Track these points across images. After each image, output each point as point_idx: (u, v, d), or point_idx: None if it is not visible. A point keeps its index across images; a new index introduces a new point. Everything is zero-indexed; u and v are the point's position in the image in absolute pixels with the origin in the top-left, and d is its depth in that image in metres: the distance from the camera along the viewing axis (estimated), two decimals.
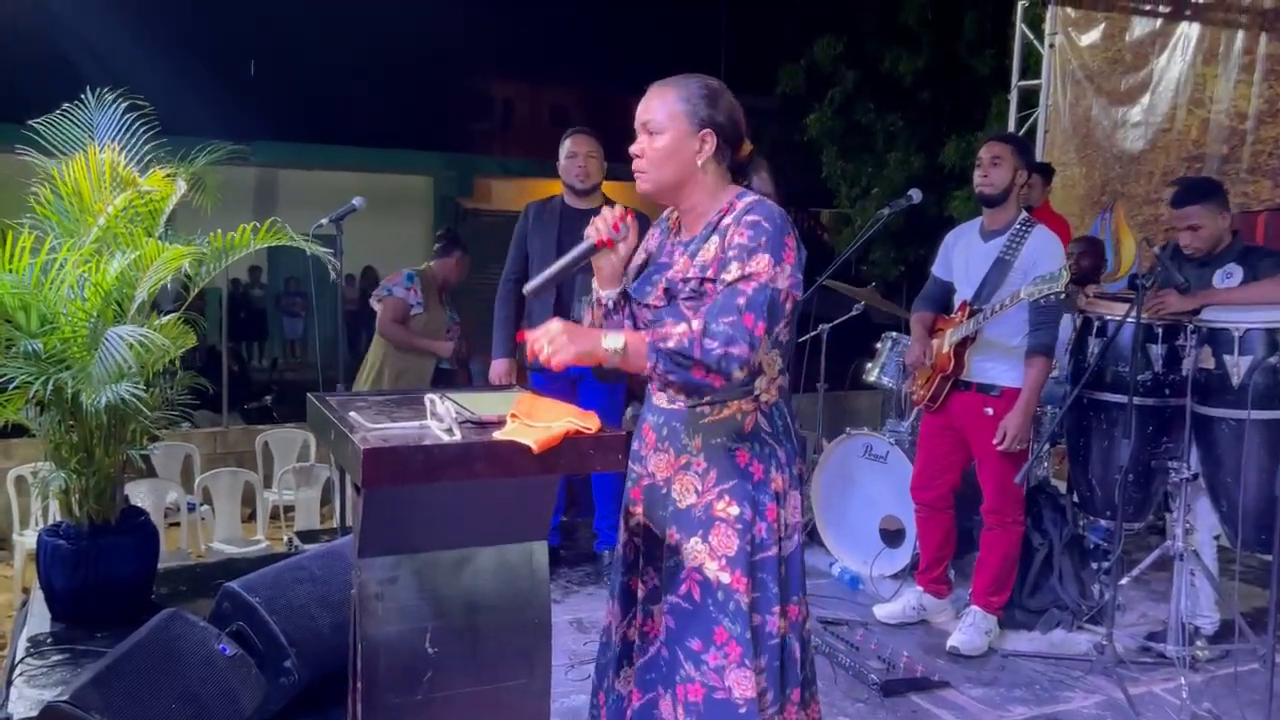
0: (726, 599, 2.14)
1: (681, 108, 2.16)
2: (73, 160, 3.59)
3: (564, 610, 4.08)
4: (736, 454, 2.18)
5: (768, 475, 2.18)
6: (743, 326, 2.01)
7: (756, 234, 2.07)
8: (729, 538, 2.15)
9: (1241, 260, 3.86)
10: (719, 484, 2.18)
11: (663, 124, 2.16)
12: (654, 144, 2.17)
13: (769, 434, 2.20)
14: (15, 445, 6.41)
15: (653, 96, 2.20)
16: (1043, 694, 3.55)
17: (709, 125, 2.16)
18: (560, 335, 1.99)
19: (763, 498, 2.17)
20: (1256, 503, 3.64)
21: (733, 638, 2.14)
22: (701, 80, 2.21)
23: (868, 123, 12.36)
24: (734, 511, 2.16)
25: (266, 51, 15.30)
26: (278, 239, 3.72)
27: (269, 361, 16.62)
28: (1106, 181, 6.51)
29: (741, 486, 2.17)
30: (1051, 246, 3.73)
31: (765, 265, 2.05)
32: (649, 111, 2.19)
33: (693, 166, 2.17)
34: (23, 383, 3.36)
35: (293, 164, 15.60)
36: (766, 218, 2.10)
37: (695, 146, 2.16)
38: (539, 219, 4.44)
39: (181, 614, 2.84)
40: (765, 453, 2.19)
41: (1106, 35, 6.56)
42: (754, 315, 2.02)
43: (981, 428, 3.80)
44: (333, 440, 2.11)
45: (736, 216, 2.12)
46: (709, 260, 2.13)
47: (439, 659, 2.06)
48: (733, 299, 2.04)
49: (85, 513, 3.61)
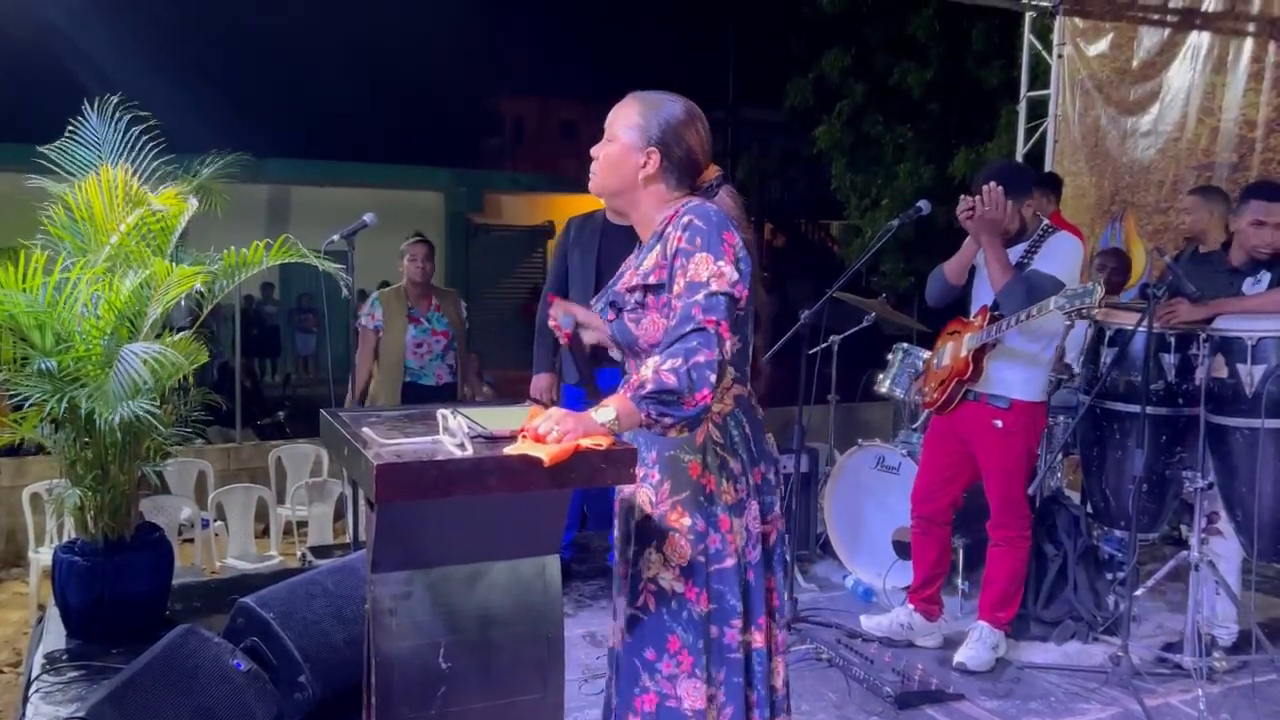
0: (680, 608, 2.16)
1: (636, 121, 2.22)
2: (85, 180, 3.62)
3: (577, 624, 4.07)
4: (689, 465, 2.19)
5: (719, 487, 2.19)
6: (701, 332, 2.00)
7: (692, 235, 2.09)
8: (682, 547, 2.17)
9: (1270, 267, 3.85)
10: (672, 495, 2.19)
11: (616, 134, 2.24)
12: (605, 149, 2.26)
13: (720, 445, 2.21)
14: (30, 463, 6.44)
15: (621, 104, 2.27)
16: (1058, 706, 3.53)
17: (656, 146, 2.20)
18: (565, 420, 1.97)
19: (715, 509, 2.18)
20: (1272, 512, 3.62)
21: (685, 646, 2.15)
22: (675, 103, 2.25)
23: (877, 134, 12.39)
24: (686, 522, 2.17)
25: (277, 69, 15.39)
26: (290, 256, 3.74)
27: (282, 378, 16.68)
28: (1116, 191, 6.50)
29: (693, 498, 2.18)
30: (1069, 248, 3.72)
31: (706, 264, 2.06)
32: (611, 117, 2.27)
33: (633, 180, 2.23)
34: (38, 400, 3.38)
35: (303, 180, 15.69)
36: (700, 216, 2.12)
37: (639, 161, 2.21)
38: (580, 234, 4.45)
39: (196, 630, 2.84)
40: (716, 464, 2.20)
41: (1115, 45, 6.56)
42: (707, 316, 2.02)
43: (989, 441, 3.77)
44: (346, 456, 2.12)
45: (674, 224, 2.15)
46: (650, 268, 2.16)
47: (452, 674, 2.06)
48: (684, 309, 2.04)
49: (100, 529, 3.62)
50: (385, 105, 16.49)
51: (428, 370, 5.32)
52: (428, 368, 5.31)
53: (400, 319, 5.30)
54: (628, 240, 2.35)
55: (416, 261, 5.33)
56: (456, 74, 17.04)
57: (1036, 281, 3.62)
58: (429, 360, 5.32)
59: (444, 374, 5.34)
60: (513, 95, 21.45)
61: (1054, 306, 3.49)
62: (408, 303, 5.34)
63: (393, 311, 5.32)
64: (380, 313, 5.33)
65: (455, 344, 5.36)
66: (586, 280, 4.34)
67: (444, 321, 5.36)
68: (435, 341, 5.34)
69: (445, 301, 5.43)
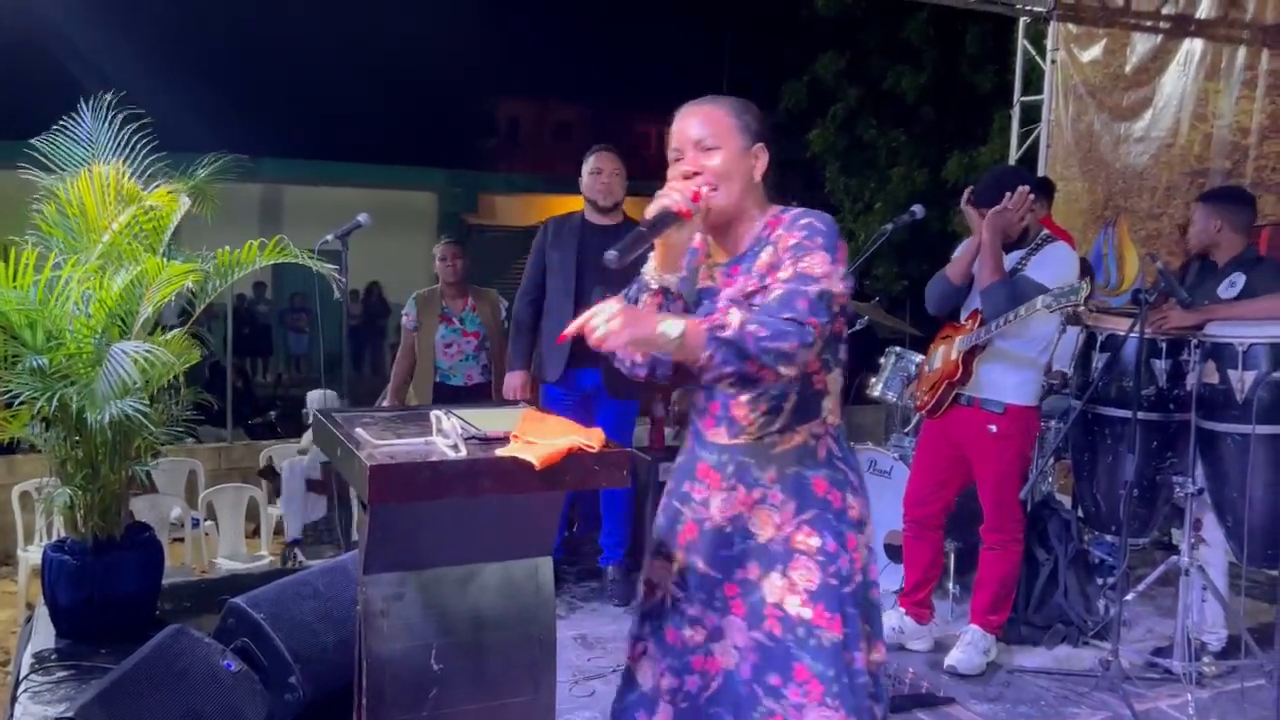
0: (807, 635, 2.03)
1: (733, 122, 2.11)
2: (77, 177, 3.60)
3: (568, 626, 4.07)
4: (814, 482, 2.09)
5: (845, 502, 2.10)
6: (797, 321, 1.91)
7: (811, 233, 2.02)
8: (811, 571, 2.05)
9: (1248, 269, 3.88)
10: (798, 515, 2.08)
11: (719, 140, 2.09)
12: (709, 161, 2.09)
13: (840, 458, 2.13)
14: (20, 461, 6.42)
15: (696, 114, 2.13)
16: (1048, 710, 3.54)
17: (763, 142, 2.13)
18: (617, 316, 1.85)
19: (843, 526, 2.08)
20: (1262, 518, 3.63)
21: (814, 675, 2.02)
22: (738, 99, 2.18)
23: (870, 139, 12.42)
24: (815, 543, 2.06)
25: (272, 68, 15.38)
26: (283, 256, 3.73)
27: (273, 377, 16.66)
28: (1109, 196, 6.52)
29: (821, 516, 2.08)
30: (1065, 256, 3.74)
31: (821, 262, 1.98)
32: (699, 128, 2.11)
33: (749, 186, 2.11)
34: (29, 398, 3.37)
35: (298, 180, 15.67)
36: (819, 219, 2.06)
37: (750, 163, 2.11)
38: (559, 234, 4.45)
39: (186, 630, 2.83)
40: (840, 478, 2.12)
41: (1108, 51, 6.57)
42: (808, 309, 1.92)
43: (983, 446, 3.78)
44: (339, 456, 2.11)
45: (787, 225, 2.06)
46: (764, 269, 2.06)
47: (444, 675, 2.06)
48: (787, 294, 1.95)
49: (90, 528, 3.60)
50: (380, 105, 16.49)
51: (457, 370, 5.31)
52: (457, 368, 5.31)
53: (433, 319, 5.35)
54: (607, 240, 2.31)
55: (447, 261, 5.38)
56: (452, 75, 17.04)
57: (1021, 287, 3.63)
58: (458, 360, 5.31)
59: (475, 374, 5.33)
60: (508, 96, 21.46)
61: (1041, 305, 3.51)
62: (441, 302, 5.38)
63: (426, 311, 5.37)
64: (415, 312, 5.39)
65: (488, 344, 5.35)
66: (566, 280, 4.34)
67: (477, 322, 5.37)
68: (465, 342, 5.33)
69: (482, 302, 5.44)
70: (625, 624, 4.12)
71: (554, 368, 4.36)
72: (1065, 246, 3.83)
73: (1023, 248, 3.79)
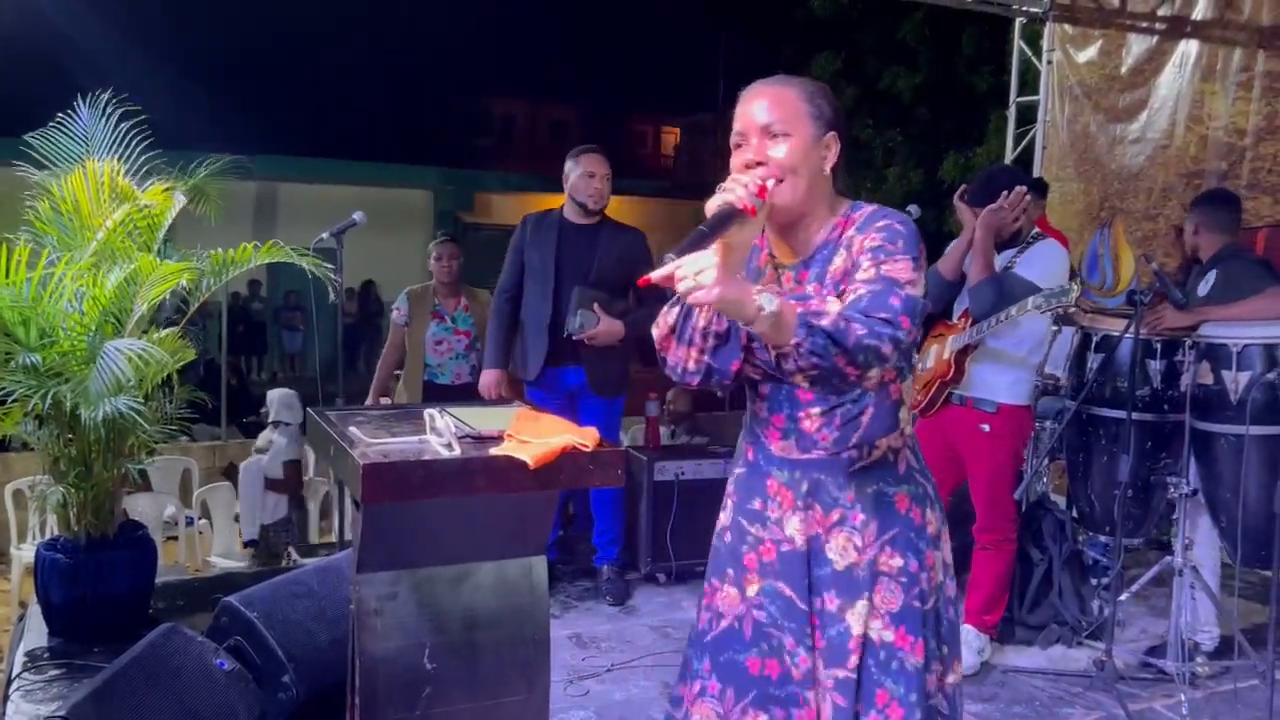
0: (889, 658, 1.92)
1: (804, 108, 1.88)
2: (71, 174, 3.59)
3: (563, 625, 4.06)
4: (895, 499, 1.96)
5: (924, 518, 1.98)
6: (893, 322, 1.75)
7: (891, 235, 1.84)
8: (893, 593, 1.93)
9: (1223, 265, 3.91)
10: (880, 535, 1.94)
11: (790, 127, 1.87)
12: (775, 150, 1.87)
13: (919, 471, 2.01)
14: (12, 459, 6.41)
15: (764, 95, 1.90)
16: (1043, 710, 3.54)
17: (836, 130, 1.91)
18: (715, 269, 1.64)
19: (923, 544, 1.96)
20: (1256, 518, 3.63)
21: (895, 699, 1.91)
22: (811, 81, 1.97)
23: (866, 139, 12.43)
24: (898, 564, 1.94)
25: (268, 66, 15.36)
26: (278, 256, 3.72)
27: (268, 375, 16.65)
28: (1105, 197, 6.52)
29: (904, 535, 1.95)
30: (1056, 254, 3.75)
31: (905, 269, 1.82)
32: (766, 112, 1.88)
33: (820, 176, 1.90)
34: (22, 396, 3.36)
35: (293, 178, 15.66)
36: (899, 220, 1.88)
37: (821, 154, 1.90)
38: (537, 232, 4.43)
39: (180, 629, 2.82)
40: (919, 493, 1.99)
41: (1104, 52, 6.58)
42: (901, 308, 1.77)
43: (976, 445, 3.78)
44: (332, 455, 2.11)
45: (861, 226, 1.88)
46: (838, 275, 1.88)
47: (438, 675, 2.06)
48: (879, 293, 1.78)
49: (83, 527, 3.59)
50: (375, 103, 16.48)
51: (446, 368, 5.33)
52: (446, 366, 5.33)
53: (425, 315, 5.37)
54: (586, 240, 2.27)
55: (442, 261, 5.40)
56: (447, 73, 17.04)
57: (1009, 285, 3.63)
58: (448, 359, 5.33)
59: (464, 373, 5.33)
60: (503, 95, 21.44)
61: (1032, 305, 3.51)
62: (434, 300, 5.39)
63: (418, 308, 5.37)
64: (407, 308, 5.39)
65: (479, 345, 5.35)
66: (545, 278, 4.32)
67: (469, 321, 5.38)
68: (456, 340, 5.34)
69: (475, 302, 5.44)
70: (619, 623, 4.16)
71: (533, 365, 4.35)
72: (1055, 244, 3.84)
73: (1014, 247, 3.80)
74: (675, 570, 4.52)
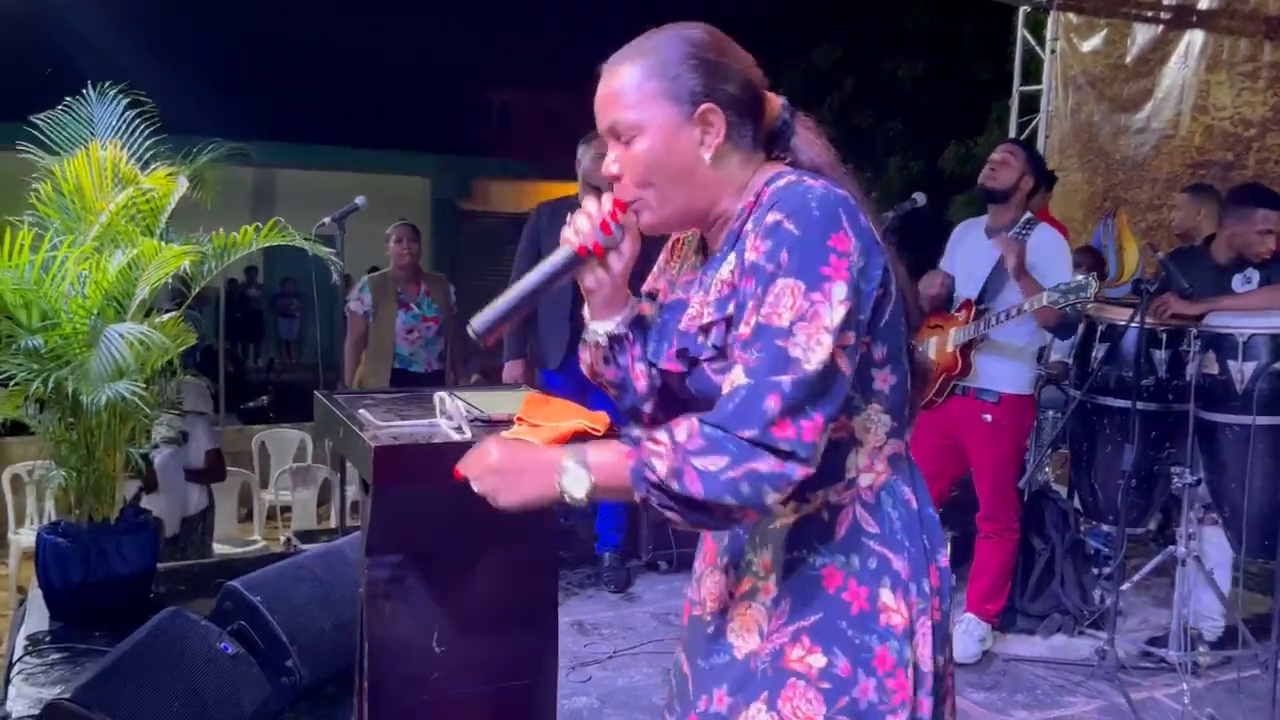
0: None
1: (654, 88, 1.42)
2: (74, 157, 3.58)
3: (565, 612, 4.02)
4: (823, 574, 1.42)
5: (875, 603, 1.41)
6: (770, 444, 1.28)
7: (776, 244, 1.34)
8: (810, 703, 1.39)
9: (1260, 265, 3.88)
10: (794, 620, 1.42)
11: (634, 124, 1.42)
12: (632, 153, 1.43)
13: (876, 536, 1.43)
14: (10, 444, 6.39)
15: (604, 87, 1.46)
16: (1044, 699, 3.55)
17: (707, 98, 1.42)
18: (495, 474, 1.40)
19: (868, 639, 1.40)
20: (1260, 509, 3.64)
21: None
22: (676, 30, 1.48)
23: (867, 128, 12.41)
24: (817, 663, 1.40)
25: (267, 52, 15.31)
26: (280, 238, 3.71)
27: (265, 362, 16.65)
28: (1109, 188, 6.51)
29: (830, 624, 1.41)
30: (1054, 242, 3.73)
31: (792, 296, 1.31)
32: (607, 112, 1.45)
33: (698, 171, 1.43)
34: (23, 379, 3.34)
35: (291, 164, 15.63)
36: (792, 213, 1.34)
37: (694, 137, 1.42)
38: (554, 220, 4.41)
39: (184, 612, 2.82)
40: (870, 568, 1.42)
41: (1109, 41, 6.56)
42: (782, 415, 1.28)
43: (979, 435, 3.78)
44: (341, 438, 2.10)
45: (759, 215, 1.39)
46: (724, 292, 1.42)
47: (446, 659, 2.05)
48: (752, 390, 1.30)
49: (85, 511, 3.59)
50: (373, 90, 16.41)
51: (418, 357, 5.27)
52: (418, 354, 5.27)
53: (390, 304, 5.25)
54: None
55: (402, 244, 5.30)
56: (445, 60, 16.97)
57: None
58: (419, 346, 5.27)
59: (433, 361, 5.29)
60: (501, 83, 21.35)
61: (1047, 300, 3.48)
62: (396, 288, 5.29)
63: (382, 297, 5.27)
64: (369, 298, 5.29)
65: (445, 330, 5.31)
66: None
67: (434, 307, 5.31)
68: (426, 328, 5.29)
69: (434, 287, 5.39)
70: (621, 610, 4.16)
71: (555, 353, 4.33)
72: (1049, 229, 3.80)
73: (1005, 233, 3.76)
74: (676, 558, 4.51)
